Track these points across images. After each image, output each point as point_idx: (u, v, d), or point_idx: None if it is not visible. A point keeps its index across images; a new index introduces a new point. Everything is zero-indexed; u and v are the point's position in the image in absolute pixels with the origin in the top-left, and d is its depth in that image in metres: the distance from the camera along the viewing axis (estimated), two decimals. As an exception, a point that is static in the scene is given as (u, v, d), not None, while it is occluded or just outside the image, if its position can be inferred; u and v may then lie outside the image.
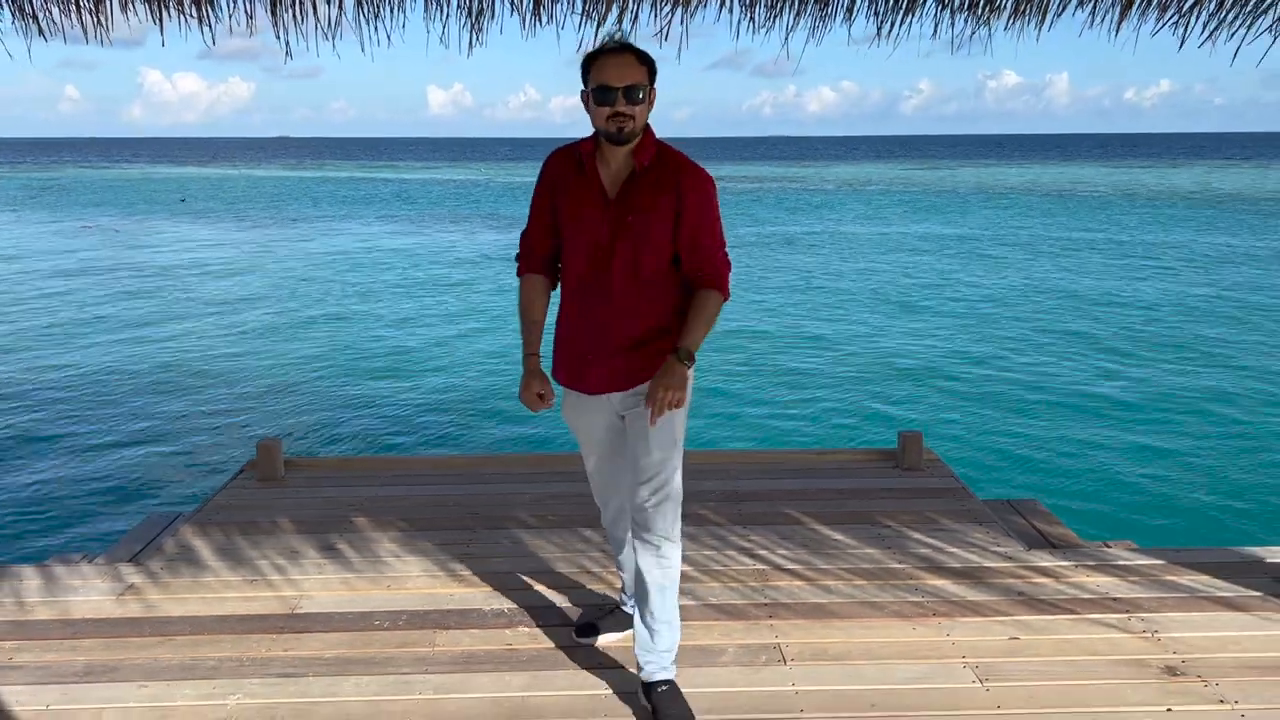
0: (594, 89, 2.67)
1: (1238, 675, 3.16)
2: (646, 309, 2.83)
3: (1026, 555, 4.10)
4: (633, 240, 2.76)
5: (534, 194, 2.95)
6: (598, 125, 2.72)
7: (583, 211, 2.80)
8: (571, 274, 2.88)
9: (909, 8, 5.12)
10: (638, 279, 2.79)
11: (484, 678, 3.16)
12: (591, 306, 2.84)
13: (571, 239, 2.84)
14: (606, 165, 2.79)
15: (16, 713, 2.98)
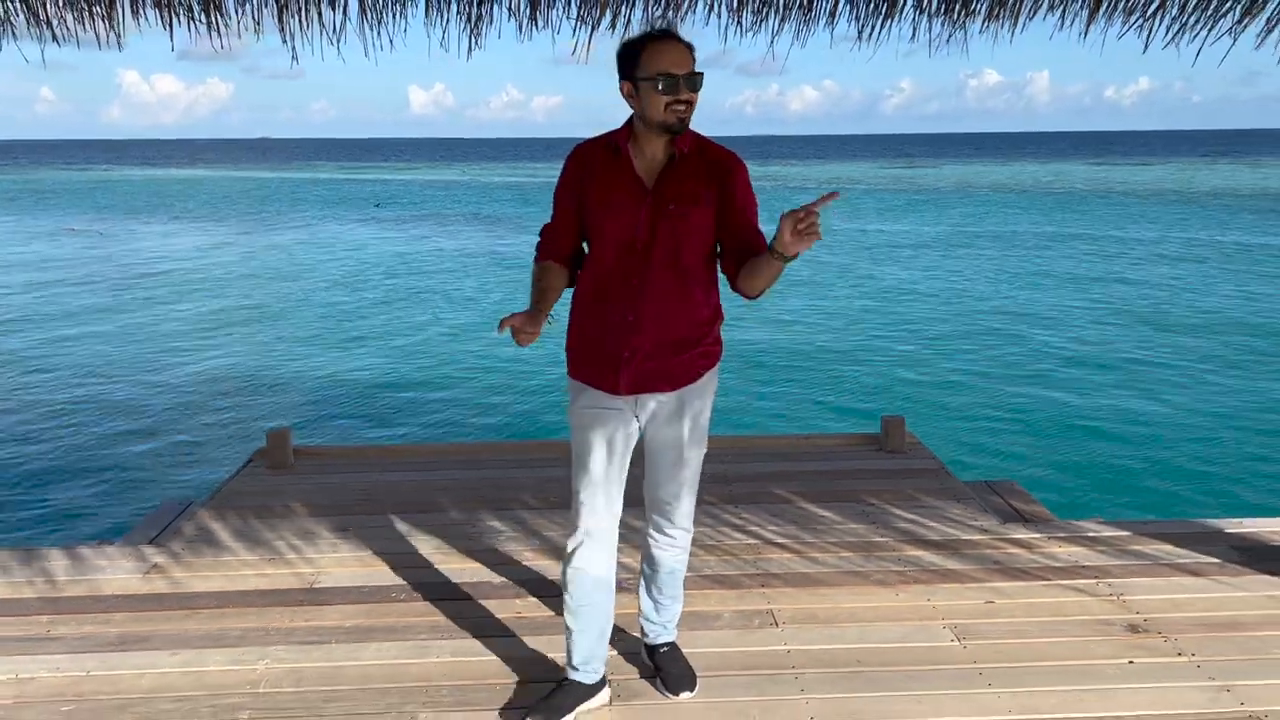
0: (655, 76, 2.52)
1: (1195, 632, 3.41)
2: (687, 305, 2.70)
3: (1002, 529, 4.35)
4: (674, 229, 2.64)
5: (559, 187, 2.81)
6: (654, 115, 2.57)
7: (618, 201, 2.66)
8: (602, 270, 2.71)
9: (889, 12, 5.37)
10: (679, 271, 2.67)
11: (497, 641, 3.38)
12: (626, 303, 2.67)
13: (605, 231, 2.69)
14: (642, 154, 2.67)
15: (59, 678, 3.18)
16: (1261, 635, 3.39)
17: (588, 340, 2.76)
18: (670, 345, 2.70)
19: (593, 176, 2.71)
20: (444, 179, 75.04)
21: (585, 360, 2.77)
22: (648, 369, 2.69)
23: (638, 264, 2.66)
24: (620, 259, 2.67)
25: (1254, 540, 4.20)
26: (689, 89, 2.55)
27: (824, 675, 3.14)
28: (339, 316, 17.81)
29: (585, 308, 2.78)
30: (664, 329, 2.68)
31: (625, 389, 2.70)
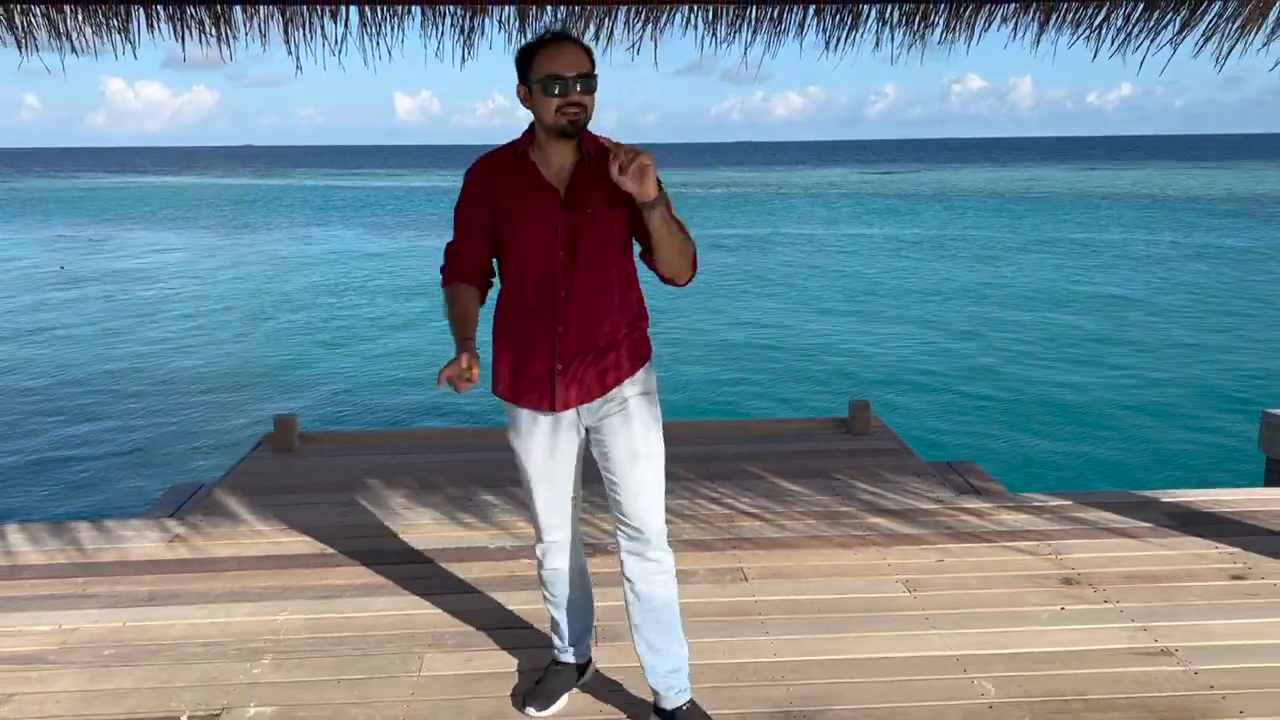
0: (544, 79, 2.46)
1: (1122, 584, 3.80)
2: (616, 308, 2.63)
3: (956, 500, 4.74)
4: (594, 232, 2.57)
5: (460, 205, 2.70)
6: (546, 119, 2.50)
7: (532, 211, 2.57)
8: (524, 285, 2.61)
9: (853, 25, 5.77)
10: (604, 274, 2.60)
11: (494, 595, 3.74)
12: (553, 314, 2.58)
13: (522, 245, 2.59)
14: (548, 161, 2.59)
15: (99, 629, 3.52)
16: (1180, 585, 3.78)
17: (516, 360, 2.65)
18: (601, 351, 2.61)
19: (501, 189, 2.61)
20: (430, 185, 75.33)
21: (516, 381, 2.66)
22: (580, 379, 2.60)
23: (562, 273, 2.56)
24: (542, 270, 2.58)
25: (1185, 508, 4.59)
26: (581, 91, 2.47)
27: (787, 620, 3.51)
28: (331, 316, 18.21)
29: (508, 326, 2.67)
30: (594, 335, 2.60)
31: (561, 405, 2.62)
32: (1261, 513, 4.49)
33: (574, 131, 2.52)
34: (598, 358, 2.61)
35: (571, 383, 2.61)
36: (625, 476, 2.65)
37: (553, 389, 2.62)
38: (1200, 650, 3.28)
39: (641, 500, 2.66)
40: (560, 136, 2.53)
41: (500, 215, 2.62)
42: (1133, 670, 3.17)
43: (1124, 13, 5.76)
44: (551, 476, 2.74)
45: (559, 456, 2.72)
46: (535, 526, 2.86)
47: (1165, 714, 2.92)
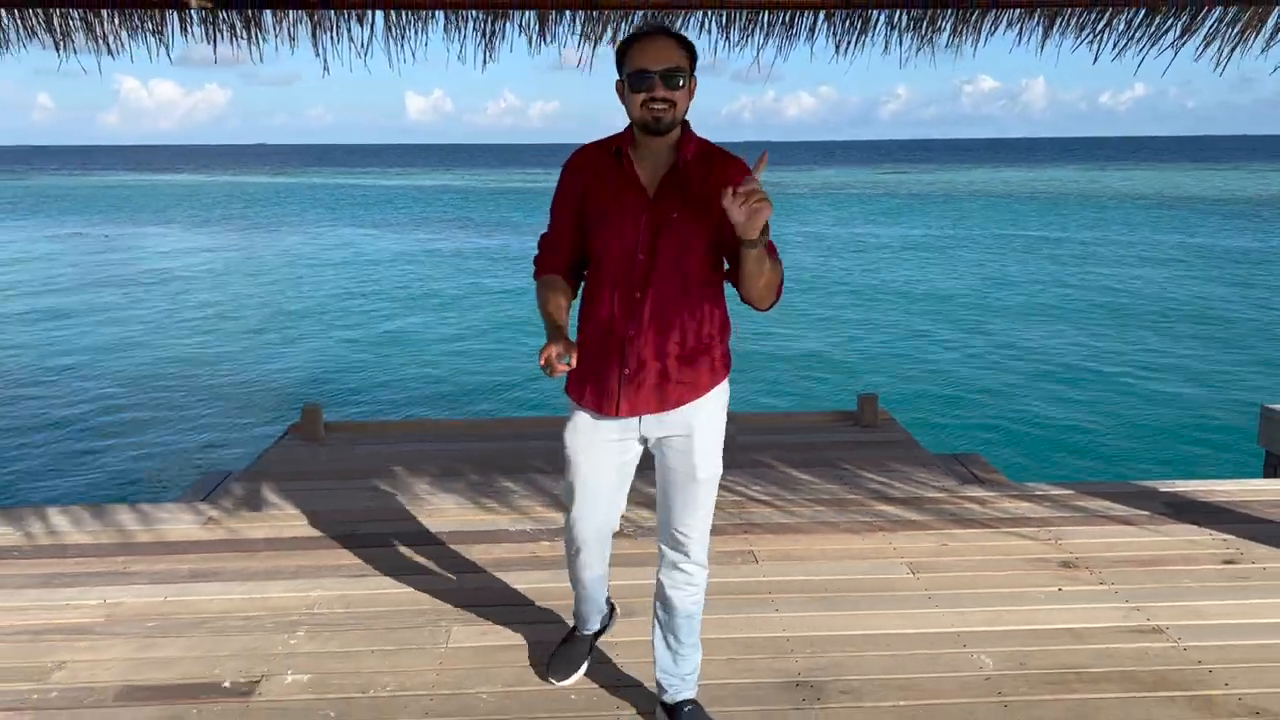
0: (630, 74, 2.42)
1: (1118, 567, 3.96)
2: (691, 318, 2.55)
3: (961, 489, 4.90)
4: (678, 239, 2.49)
5: (556, 195, 2.67)
6: (633, 114, 2.47)
7: (620, 209, 2.52)
8: (604, 282, 2.57)
9: (863, 29, 5.93)
10: (683, 283, 2.52)
11: (516, 574, 3.92)
12: (627, 317, 2.53)
13: (606, 241, 2.54)
14: (643, 160, 2.53)
15: (142, 603, 3.72)
16: (1174, 569, 3.94)
17: (587, 358, 2.59)
18: (673, 361, 2.55)
19: (592, 184, 2.58)
20: (441, 184, 75.65)
21: (583, 379, 2.62)
22: (649, 387, 2.55)
23: (640, 276, 2.51)
24: (620, 270, 2.53)
25: (1183, 498, 4.75)
26: (666, 86, 2.40)
27: (795, 599, 3.69)
28: (348, 313, 18.47)
29: (585, 323, 2.64)
30: (666, 344, 2.54)
31: (625, 411, 2.57)
32: (1255, 502, 4.64)
33: (660, 128, 2.45)
34: (669, 369, 2.55)
35: (638, 390, 2.55)
36: (681, 496, 2.63)
37: (618, 393, 2.56)
38: (1190, 628, 3.45)
39: (693, 519, 2.65)
40: (649, 133, 2.47)
41: (588, 210, 2.58)
42: (1125, 646, 3.33)
43: (1126, 18, 5.91)
44: (592, 485, 2.66)
45: (608, 464, 2.65)
46: (568, 527, 2.79)
47: (1155, 686, 3.09)
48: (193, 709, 3.00)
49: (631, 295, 2.53)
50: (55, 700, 3.06)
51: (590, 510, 2.70)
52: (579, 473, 2.67)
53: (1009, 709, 2.97)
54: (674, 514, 2.66)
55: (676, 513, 2.65)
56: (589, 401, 2.62)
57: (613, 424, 2.61)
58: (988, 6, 5.81)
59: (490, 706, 3.00)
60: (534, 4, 5.62)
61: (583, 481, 2.67)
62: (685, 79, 2.44)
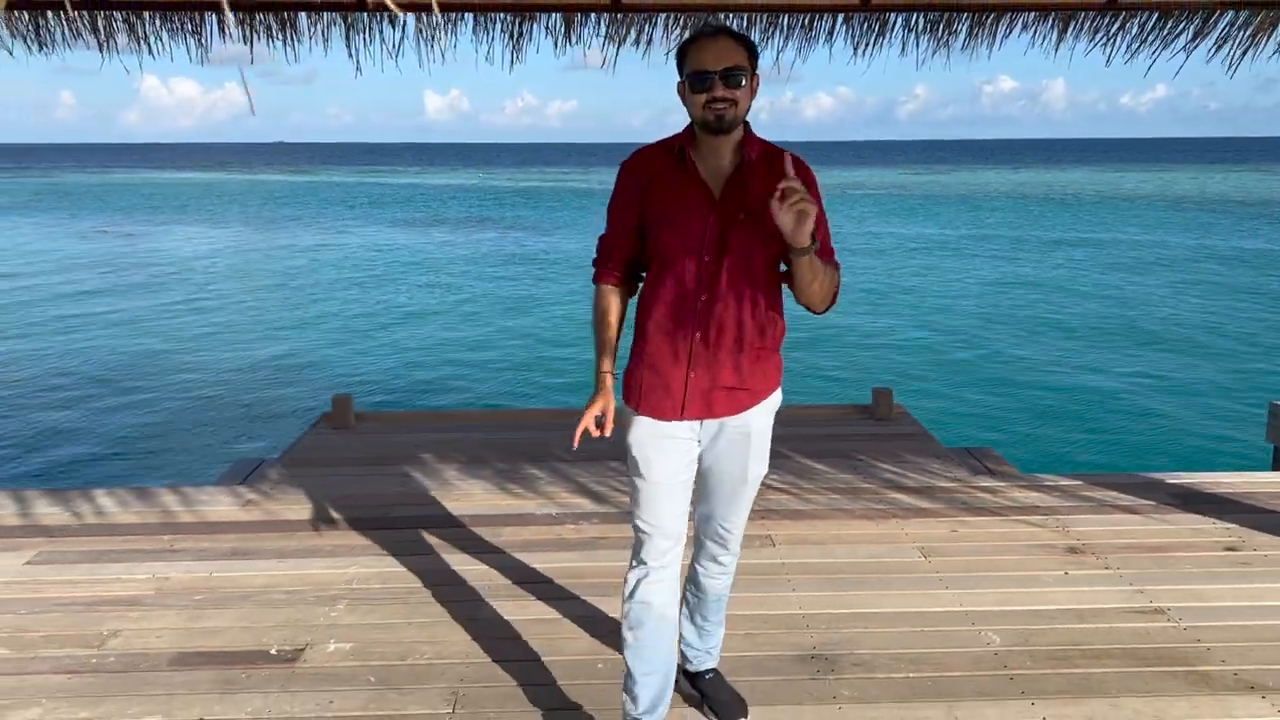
0: (690, 75, 2.40)
1: (1124, 553, 4.10)
2: (757, 321, 2.53)
3: (973, 479, 5.05)
4: (746, 241, 2.47)
5: (615, 196, 2.61)
6: (694, 114, 2.44)
7: (684, 211, 2.49)
8: (667, 286, 2.52)
9: (880, 31, 6.08)
10: (750, 285, 2.50)
11: (542, 554, 4.10)
12: (694, 321, 2.50)
13: (669, 243, 2.50)
14: (706, 160, 2.50)
15: (189, 578, 3.91)
16: (1178, 555, 4.08)
17: (650, 363, 2.55)
18: (738, 365, 2.53)
19: (654, 185, 2.53)
20: (461, 183, 76.07)
21: (645, 385, 2.56)
22: (714, 391, 2.53)
23: (707, 279, 2.48)
24: (688, 274, 2.49)
25: (1189, 489, 4.88)
26: (726, 85, 2.37)
27: (810, 580, 3.85)
28: (373, 306, 18.78)
29: (648, 329, 2.56)
30: (733, 348, 2.51)
31: (691, 414, 2.53)
32: (1260, 493, 4.77)
33: (722, 128, 2.42)
34: (734, 373, 2.53)
35: (702, 392, 2.52)
36: (729, 496, 2.65)
37: (684, 396, 2.52)
38: (1191, 610, 3.59)
39: (738, 516, 2.71)
40: (710, 133, 2.44)
41: (651, 212, 2.53)
42: (1127, 626, 3.48)
43: (1139, 21, 6.04)
44: (666, 488, 2.55)
45: (678, 466, 2.57)
46: (637, 546, 2.62)
47: (1154, 662, 3.23)
48: (242, 674, 3.18)
49: (698, 297, 2.49)
50: (112, 665, 3.25)
51: (663, 512, 2.56)
52: (650, 478, 2.55)
53: (1014, 681, 3.12)
54: (719, 511, 2.70)
55: (722, 510, 2.69)
56: (650, 404, 2.55)
57: (674, 426, 2.55)
58: (1003, 10, 5.95)
59: (520, 674, 3.17)
60: (560, 6, 5.80)
61: (655, 486, 2.55)
62: (747, 77, 2.40)
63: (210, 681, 3.14)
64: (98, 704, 3.02)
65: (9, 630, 3.48)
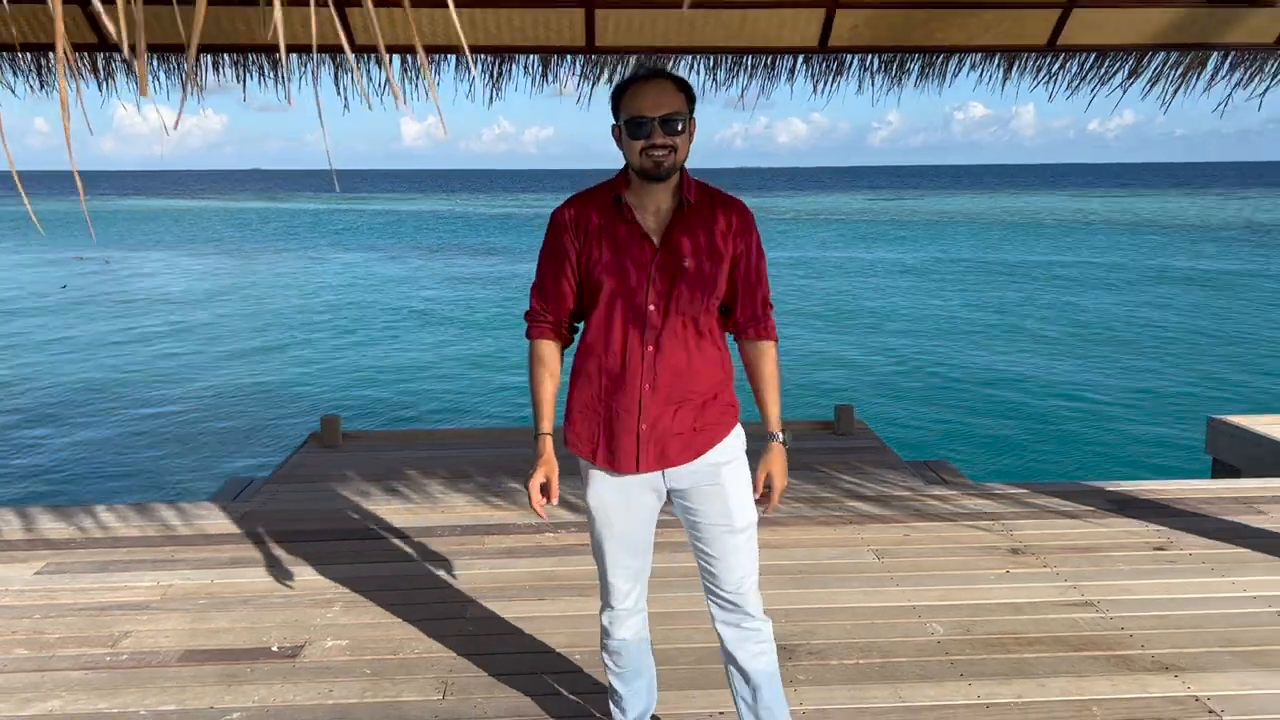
0: (626, 121, 2.35)
1: (1062, 554, 4.44)
2: (706, 366, 2.48)
3: (926, 488, 5.39)
4: (689, 288, 2.42)
5: (548, 248, 2.53)
6: (632, 160, 2.39)
7: (627, 260, 2.42)
8: (611, 336, 2.45)
9: (838, 71, 6.47)
10: (697, 331, 2.45)
11: (524, 560, 4.40)
12: (641, 371, 2.43)
13: (611, 295, 2.43)
14: (644, 206, 2.44)
15: (191, 584, 4.18)
16: (1110, 554, 4.42)
17: (597, 416, 2.49)
18: (692, 410, 2.47)
19: (592, 235, 2.46)
20: (436, 209, 76.42)
21: (595, 439, 2.50)
22: (669, 440, 2.46)
23: (652, 327, 2.42)
24: (630, 325, 2.43)
25: (1125, 495, 5.24)
26: (665, 132, 2.33)
27: (773, 579, 4.15)
28: (352, 332, 19.04)
29: (590, 381, 2.50)
30: (684, 394, 2.46)
31: (646, 466, 2.47)
32: (1189, 499, 5.14)
33: (661, 175, 2.37)
34: (686, 418, 2.46)
35: (657, 444, 2.46)
36: (723, 549, 2.52)
37: (637, 450, 2.46)
38: (1118, 602, 3.93)
39: (738, 572, 2.54)
40: (649, 180, 2.39)
41: (589, 261, 2.46)
42: (1059, 617, 3.81)
43: (1078, 61, 6.47)
44: (628, 540, 2.55)
45: (638, 520, 2.54)
46: (604, 591, 2.65)
47: (1081, 648, 3.56)
48: (247, 668, 3.46)
49: (644, 348, 2.43)
50: (126, 661, 3.51)
51: (622, 563, 2.58)
52: (606, 530, 2.55)
53: (954, 665, 3.44)
54: (720, 575, 2.54)
55: (722, 570, 2.54)
56: (603, 459, 2.49)
57: (632, 479, 2.50)
58: (951, 51, 6.36)
59: (505, 664, 3.46)
60: (538, 48, 6.15)
61: (612, 538, 2.55)
62: (685, 123, 2.37)
63: (217, 675, 3.41)
64: (115, 695, 3.28)
65: (27, 633, 3.73)
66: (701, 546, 2.55)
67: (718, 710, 3.17)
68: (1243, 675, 3.35)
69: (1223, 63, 6.59)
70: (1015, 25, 6.03)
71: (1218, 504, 5.08)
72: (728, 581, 2.55)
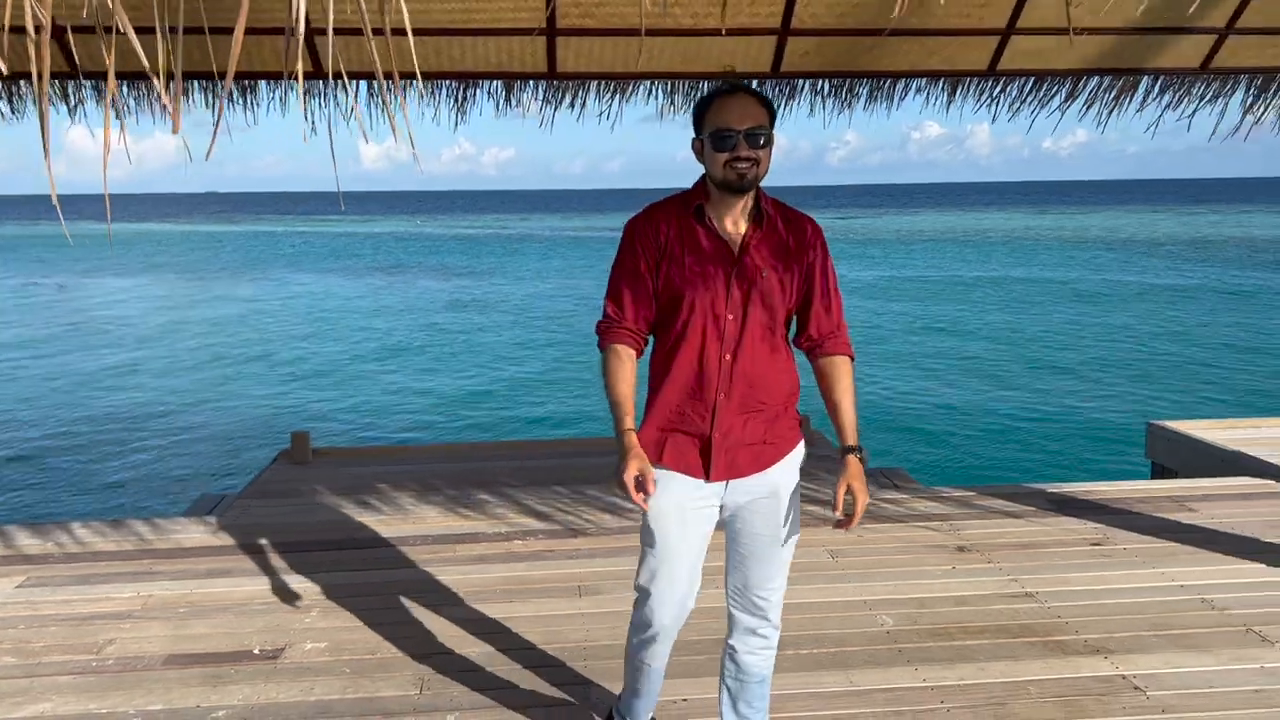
0: (713, 132, 2.40)
1: (1005, 550, 4.70)
2: (780, 378, 2.53)
3: (880, 493, 5.63)
4: (767, 299, 2.47)
5: (625, 256, 2.54)
6: (714, 173, 2.44)
7: (707, 270, 2.46)
8: (688, 345, 2.48)
9: (790, 95, 6.76)
10: (772, 342, 2.50)
11: (495, 566, 4.57)
12: (717, 381, 2.47)
13: (690, 304, 2.46)
14: (722, 218, 2.50)
15: (171, 594, 4.31)
16: (1050, 550, 4.69)
17: (671, 425, 2.52)
18: (764, 422, 2.52)
19: (670, 243, 2.49)
20: (393, 230, 76.28)
21: (666, 448, 2.52)
22: (740, 450, 2.50)
23: (731, 337, 2.47)
24: (709, 333, 2.46)
25: (1065, 496, 5.52)
26: (749, 145, 2.38)
27: (733, 578, 4.37)
28: (316, 352, 19.02)
29: (667, 387, 2.52)
30: (758, 405, 2.50)
31: (717, 475, 2.49)
32: (1126, 499, 5.43)
33: (743, 186, 2.42)
34: (757, 429, 2.51)
35: (729, 453, 2.49)
36: (764, 560, 2.58)
37: (709, 458, 2.49)
38: (1056, 593, 4.18)
39: (774, 582, 2.61)
40: (731, 192, 2.44)
41: (667, 271, 2.48)
42: (1001, 607, 4.06)
43: (1018, 84, 6.80)
44: (683, 553, 2.55)
45: (695, 532, 2.56)
46: (647, 610, 2.62)
47: (1019, 635, 3.81)
48: (231, 669, 3.60)
49: (721, 356, 2.47)
50: (112, 666, 3.65)
51: (674, 586, 2.57)
52: (664, 540, 2.52)
53: (901, 653, 3.67)
54: (755, 579, 2.60)
55: (758, 578, 2.60)
56: (670, 462, 2.51)
57: (696, 489, 2.51)
58: (898, 76, 6.67)
59: (479, 661, 3.64)
60: (502, 75, 6.37)
61: (670, 551, 2.53)
62: (767, 136, 2.43)
63: (202, 677, 3.55)
64: (104, 697, 3.42)
65: (13, 642, 3.85)
66: (742, 554, 2.61)
67: (680, 697, 3.37)
68: (1167, 656, 3.61)
69: (1153, 86, 6.96)
70: (957, 52, 6.35)
71: (1152, 503, 5.37)
72: (762, 590, 2.61)
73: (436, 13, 5.80)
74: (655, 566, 2.55)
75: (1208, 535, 4.87)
